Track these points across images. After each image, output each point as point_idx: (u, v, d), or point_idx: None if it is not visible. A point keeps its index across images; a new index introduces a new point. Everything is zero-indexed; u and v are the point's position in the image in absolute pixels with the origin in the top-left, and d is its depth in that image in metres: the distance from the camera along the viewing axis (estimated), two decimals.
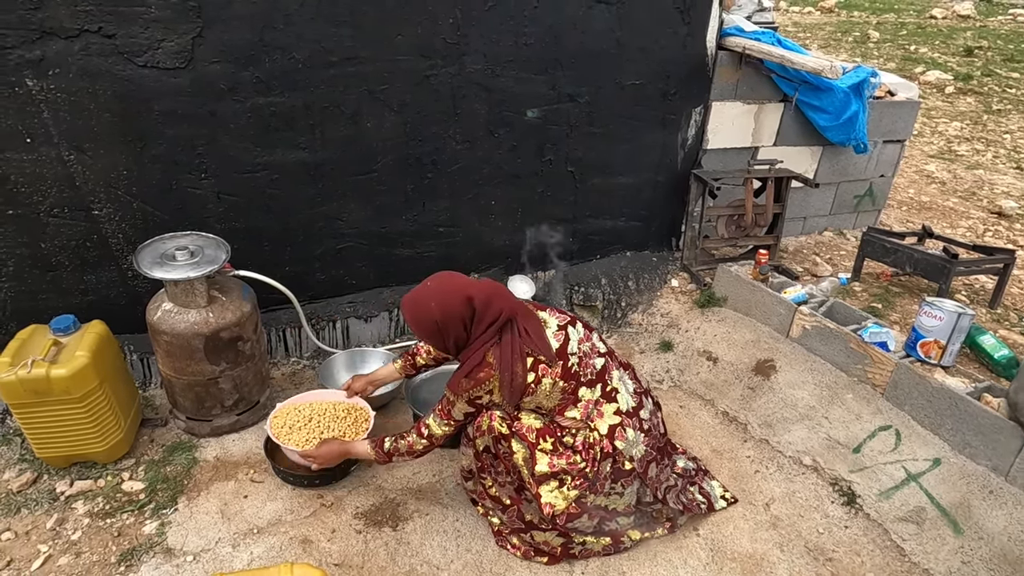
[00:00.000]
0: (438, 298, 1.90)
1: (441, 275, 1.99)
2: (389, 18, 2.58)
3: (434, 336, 1.94)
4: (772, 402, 2.80)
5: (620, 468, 1.99)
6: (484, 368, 1.88)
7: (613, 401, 2.01)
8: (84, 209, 2.45)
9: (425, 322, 1.91)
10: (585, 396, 1.97)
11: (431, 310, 1.89)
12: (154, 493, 2.26)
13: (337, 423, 2.37)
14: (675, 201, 3.61)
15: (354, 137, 2.74)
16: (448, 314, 1.88)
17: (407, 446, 2.07)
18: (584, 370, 1.98)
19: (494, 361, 1.88)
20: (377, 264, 3.06)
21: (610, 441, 1.97)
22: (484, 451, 2.03)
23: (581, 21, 2.91)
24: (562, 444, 1.95)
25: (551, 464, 1.93)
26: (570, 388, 1.95)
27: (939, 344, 2.57)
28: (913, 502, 2.31)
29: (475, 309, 1.90)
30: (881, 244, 3.39)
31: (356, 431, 2.35)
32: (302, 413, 2.39)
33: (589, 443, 1.95)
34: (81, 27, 2.20)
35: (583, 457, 1.94)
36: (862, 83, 3.54)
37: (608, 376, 2.03)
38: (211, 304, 2.32)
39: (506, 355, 1.88)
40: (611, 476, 1.98)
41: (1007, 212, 4.79)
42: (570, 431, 1.96)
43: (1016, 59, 10.44)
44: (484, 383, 1.89)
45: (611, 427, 1.98)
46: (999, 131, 7.20)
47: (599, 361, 2.03)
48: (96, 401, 2.19)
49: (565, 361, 1.94)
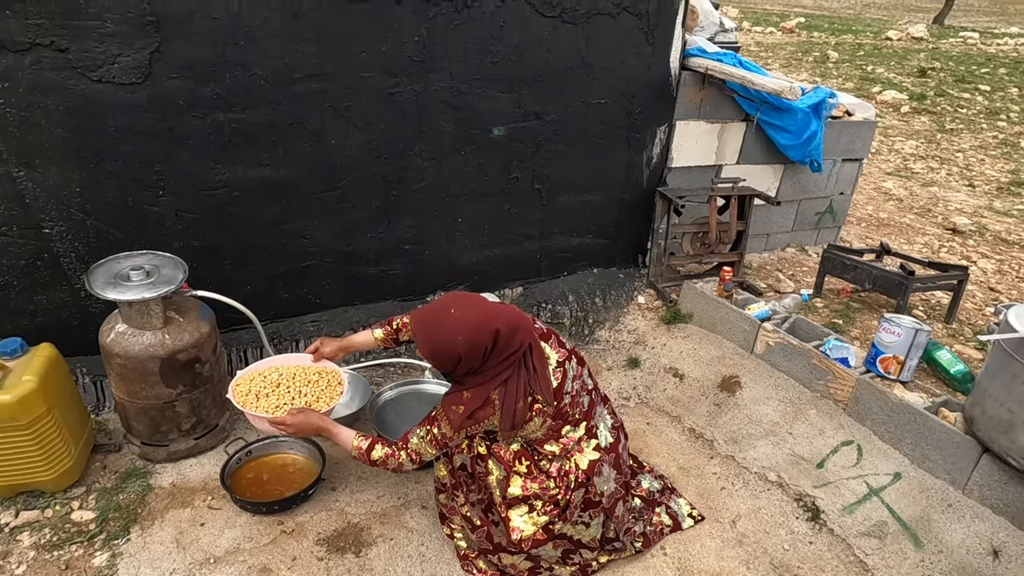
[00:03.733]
0: (465, 330, 1.75)
1: (465, 301, 1.83)
2: (354, 35, 2.57)
3: (447, 366, 1.82)
4: (738, 418, 2.82)
5: (591, 499, 1.98)
6: (486, 408, 1.83)
7: (594, 437, 2.01)
8: (34, 227, 2.37)
9: (445, 354, 1.78)
10: (568, 434, 1.96)
11: (456, 344, 1.75)
12: (105, 523, 2.17)
13: (309, 387, 2.21)
14: (641, 218, 3.64)
15: (318, 154, 2.71)
16: (473, 348, 1.76)
17: (396, 464, 1.96)
18: (573, 410, 1.96)
19: (497, 400, 1.82)
20: (342, 282, 3.02)
21: (586, 474, 1.95)
22: (460, 468, 1.99)
23: (547, 41, 2.93)
24: (538, 468, 1.93)
25: (524, 487, 1.91)
26: (557, 426, 1.94)
27: (898, 360, 2.62)
28: (875, 517, 2.34)
29: (497, 343, 1.79)
30: (841, 261, 3.46)
31: (330, 396, 2.20)
32: (268, 379, 2.22)
33: (565, 471, 1.94)
34: (32, 40, 2.13)
35: (556, 484, 1.92)
36: (821, 103, 3.63)
37: (592, 413, 2.03)
38: (167, 325, 2.25)
39: (511, 396, 1.82)
40: (581, 506, 1.97)
41: (960, 228, 4.94)
42: (547, 457, 1.94)
43: (967, 80, 10.86)
44: (484, 421, 1.85)
45: (591, 463, 1.97)
46: (952, 149, 7.46)
47: (586, 399, 2.02)
48: (44, 428, 2.10)
49: (559, 401, 1.92)
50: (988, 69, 11.91)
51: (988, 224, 5.15)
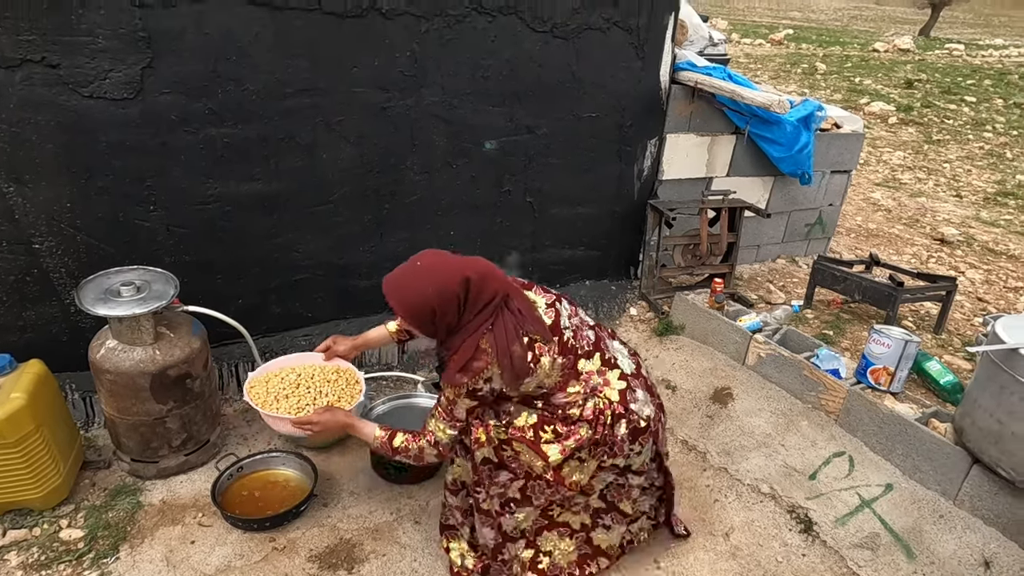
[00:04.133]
0: (434, 279, 1.72)
1: (431, 254, 1.81)
2: (346, 50, 2.58)
3: (424, 322, 1.77)
4: (730, 430, 2.83)
5: (636, 427, 1.91)
6: (480, 357, 1.75)
7: (615, 367, 1.95)
8: (24, 243, 2.36)
9: (418, 307, 1.74)
10: (586, 368, 1.90)
11: (427, 296, 1.71)
12: (94, 541, 2.14)
13: (330, 386, 2.16)
14: (633, 231, 3.66)
15: (310, 168, 2.71)
16: (445, 297, 1.72)
17: (417, 451, 1.91)
18: (579, 342, 1.90)
19: (489, 348, 1.75)
20: (334, 296, 3.02)
21: (622, 405, 1.89)
22: (483, 462, 1.91)
23: (538, 55, 2.96)
24: (565, 423, 1.86)
25: (562, 451, 1.85)
26: (570, 363, 1.87)
27: (888, 371, 2.64)
28: (867, 528, 2.35)
29: (469, 291, 1.74)
30: (831, 272, 3.49)
31: (351, 394, 2.15)
32: (287, 379, 2.16)
33: (599, 409, 1.87)
34: (23, 57, 2.13)
35: (591, 425, 1.85)
36: (809, 116, 3.67)
37: (604, 345, 1.97)
38: (158, 341, 2.24)
39: (501, 339, 1.76)
40: (628, 437, 1.90)
41: (948, 239, 4.99)
42: (574, 403, 1.87)
43: (952, 91, 11.01)
44: (482, 372, 1.77)
45: (621, 392, 1.91)
46: (939, 160, 7.54)
47: (590, 332, 1.96)
48: (32, 446, 2.08)
49: (560, 336, 1.85)
50: (973, 80, 12.08)
51: (975, 234, 5.21)
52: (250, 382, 2.17)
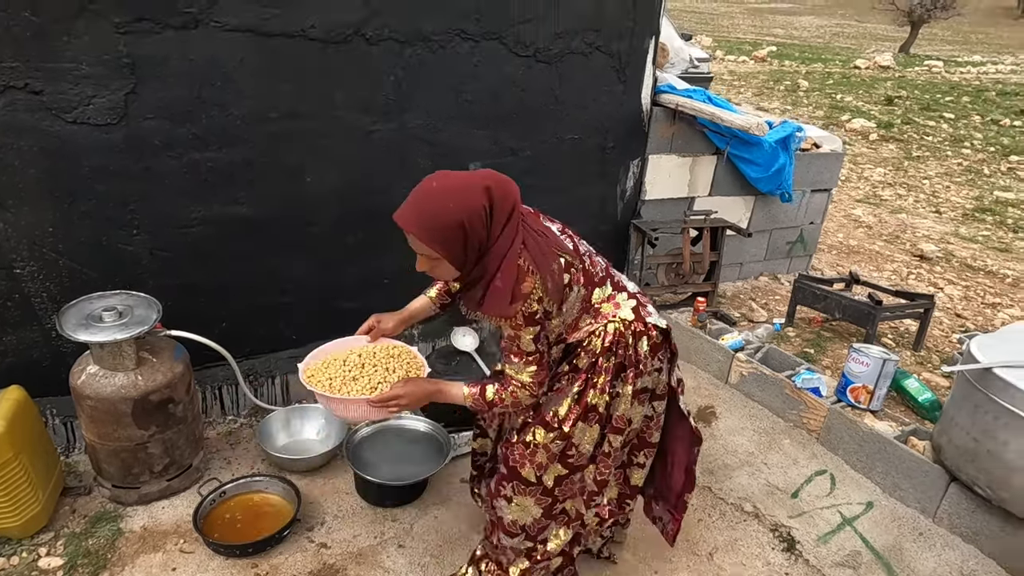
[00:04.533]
0: (456, 196, 1.60)
1: (441, 174, 1.68)
2: (330, 76, 2.61)
3: (455, 244, 1.62)
4: (714, 449, 2.85)
5: (655, 344, 1.87)
6: (524, 279, 1.64)
7: (623, 290, 1.90)
8: (5, 267, 2.34)
9: (447, 227, 1.60)
10: (598, 297, 1.83)
11: (453, 211, 1.58)
12: (74, 569, 2.12)
13: (395, 361, 2.01)
14: (616, 250, 3.69)
15: (295, 191, 2.72)
16: (473, 210, 1.59)
17: (511, 398, 1.78)
18: (594, 268, 1.85)
19: (530, 266, 1.65)
20: (320, 318, 3.01)
21: (640, 322, 1.84)
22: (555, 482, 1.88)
23: (521, 79, 3.00)
24: (579, 370, 1.83)
25: (583, 403, 1.83)
26: (587, 295, 1.81)
27: (867, 389, 2.68)
28: (849, 546, 2.37)
29: (493, 200, 1.63)
30: (812, 291, 3.54)
31: (417, 368, 2.02)
32: (349, 362, 2.00)
33: (619, 332, 1.81)
34: (6, 83, 2.13)
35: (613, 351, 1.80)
36: (788, 137, 3.73)
37: (611, 271, 1.93)
38: (140, 366, 2.23)
39: (538, 256, 1.66)
40: (650, 352, 1.85)
41: (928, 255, 5.08)
42: (593, 334, 1.81)
43: (932, 108, 11.22)
44: (531, 294, 1.65)
45: (634, 309, 1.86)
46: (919, 176, 7.67)
47: (600, 259, 1.92)
48: (11, 474, 2.06)
49: (582, 262, 1.78)
50: (952, 97, 12.32)
51: (954, 250, 5.30)
52: (307, 374, 1.99)
